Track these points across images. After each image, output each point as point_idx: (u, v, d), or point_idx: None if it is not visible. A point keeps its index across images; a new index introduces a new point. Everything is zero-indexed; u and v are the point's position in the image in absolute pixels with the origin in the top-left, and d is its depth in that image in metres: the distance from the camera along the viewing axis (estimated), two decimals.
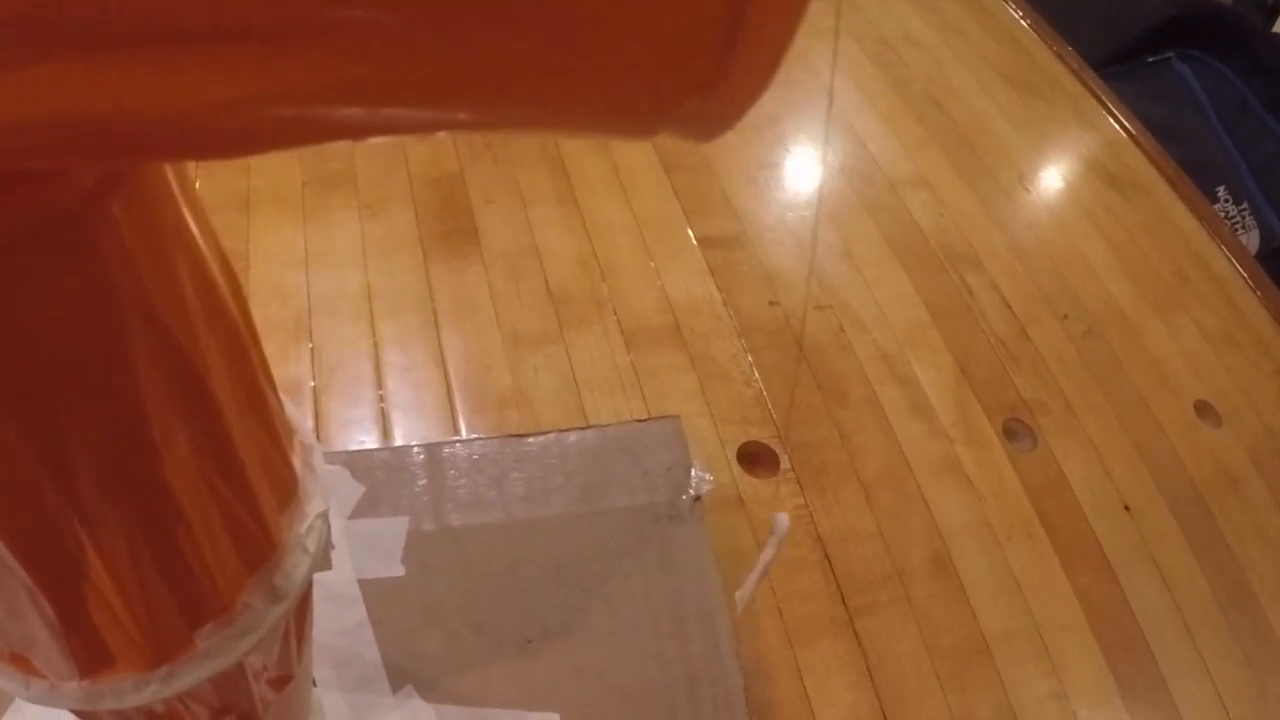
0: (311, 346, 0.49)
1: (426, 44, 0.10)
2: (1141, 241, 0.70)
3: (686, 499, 0.44)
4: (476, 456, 0.44)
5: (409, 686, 0.36)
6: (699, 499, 0.45)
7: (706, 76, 0.11)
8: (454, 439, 0.46)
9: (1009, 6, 0.90)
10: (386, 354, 0.50)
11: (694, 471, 0.45)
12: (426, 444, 0.44)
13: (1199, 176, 0.78)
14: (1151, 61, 1.04)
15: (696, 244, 0.59)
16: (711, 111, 0.12)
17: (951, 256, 0.64)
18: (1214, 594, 0.51)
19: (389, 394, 0.48)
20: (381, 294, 0.52)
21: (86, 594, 0.19)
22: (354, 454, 0.43)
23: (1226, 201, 0.97)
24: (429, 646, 0.37)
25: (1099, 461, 0.55)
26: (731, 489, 0.48)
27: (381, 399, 0.48)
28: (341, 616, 0.37)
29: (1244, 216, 0.96)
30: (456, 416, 0.48)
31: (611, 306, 0.54)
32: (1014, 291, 0.63)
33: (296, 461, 0.23)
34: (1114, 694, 0.46)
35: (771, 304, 0.57)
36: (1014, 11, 0.89)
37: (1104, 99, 0.82)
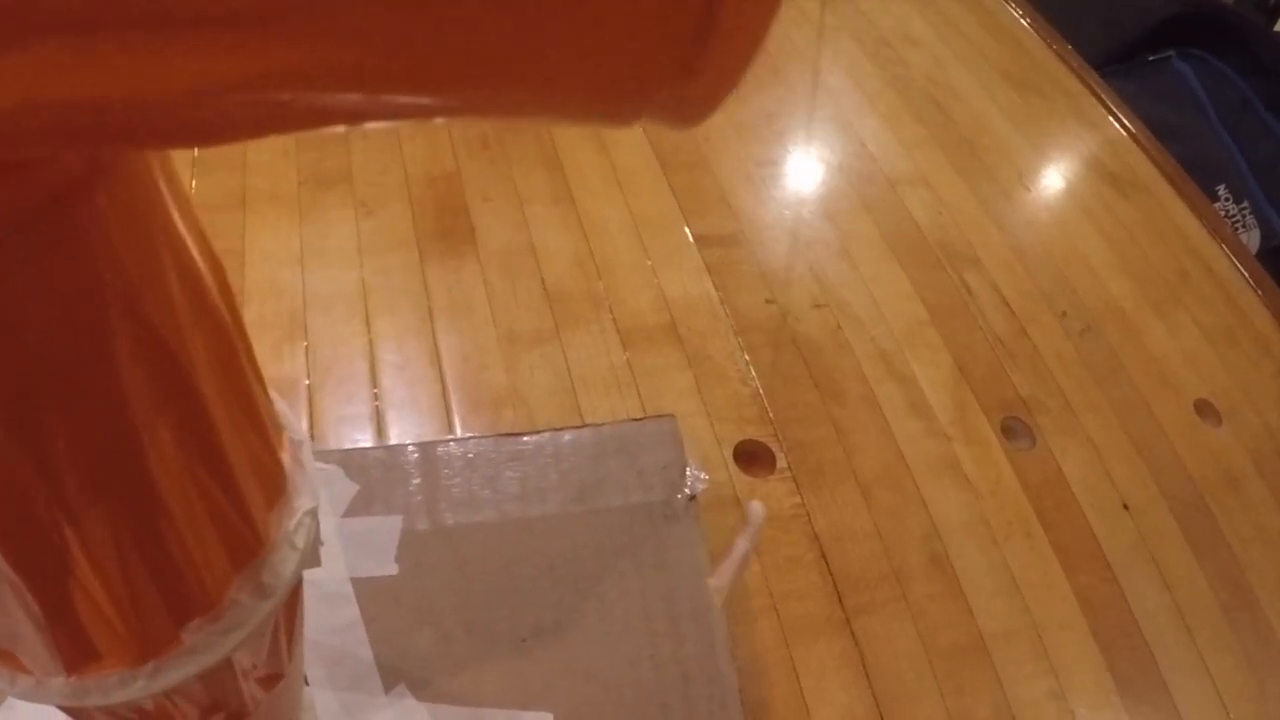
0: (306, 345, 0.49)
1: (406, 26, 0.10)
2: (1141, 240, 0.70)
3: (682, 498, 0.44)
4: (471, 455, 0.43)
5: (401, 685, 0.36)
6: (694, 498, 0.45)
7: (684, 62, 0.11)
8: (448, 438, 0.46)
9: (1009, 5, 0.90)
10: (382, 352, 0.49)
11: (689, 470, 0.45)
12: (421, 443, 0.44)
13: (1199, 175, 0.78)
14: (1152, 60, 1.04)
15: (693, 242, 0.59)
16: (691, 97, 0.12)
17: (950, 255, 0.64)
18: (1214, 593, 0.51)
19: (384, 392, 0.48)
20: (377, 292, 0.52)
21: (72, 590, 0.19)
22: (348, 452, 0.43)
23: (1227, 200, 0.96)
24: (422, 645, 0.37)
25: (1098, 460, 0.55)
26: (728, 488, 0.48)
27: (376, 397, 0.48)
28: (334, 615, 0.37)
29: (1244, 215, 0.96)
30: (451, 415, 0.47)
31: (608, 305, 0.54)
32: (1013, 290, 0.63)
33: (285, 458, 0.23)
34: (1113, 693, 0.46)
35: (768, 302, 0.57)
36: (1014, 10, 0.89)
37: (1104, 98, 0.82)
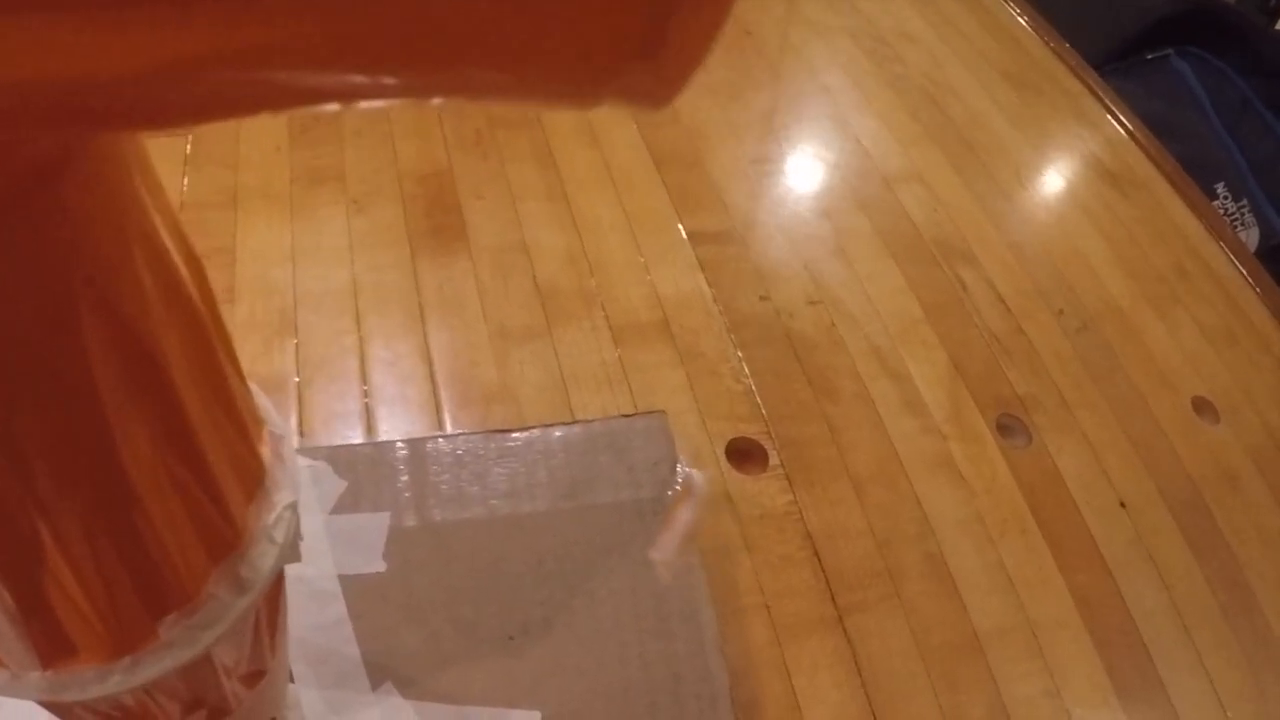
0: (297, 342, 0.49)
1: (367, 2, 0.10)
2: (1140, 238, 0.70)
3: (672, 495, 0.44)
4: (460, 452, 0.43)
5: (388, 683, 0.36)
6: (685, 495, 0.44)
7: (644, 45, 0.11)
8: (437, 434, 0.45)
9: (1007, 3, 0.89)
10: (372, 349, 0.49)
11: (680, 467, 0.45)
12: (409, 439, 0.44)
13: (1198, 174, 0.78)
14: (1151, 59, 1.03)
15: (687, 239, 0.59)
16: (652, 79, 0.11)
17: (946, 252, 0.63)
18: (1212, 592, 0.51)
19: (374, 389, 0.48)
20: (368, 289, 0.52)
21: (46, 583, 0.19)
22: (336, 449, 0.43)
23: (1226, 199, 0.96)
24: (409, 643, 0.37)
25: (1094, 458, 0.55)
26: (719, 485, 0.47)
27: (366, 394, 0.47)
28: (321, 612, 0.37)
29: (1243, 214, 0.96)
30: (441, 412, 0.47)
31: (600, 302, 0.54)
32: (1009, 287, 0.62)
33: (265, 451, 0.23)
34: (1109, 692, 0.45)
35: (762, 299, 0.57)
36: (1012, 9, 0.89)
37: (1103, 96, 0.82)
